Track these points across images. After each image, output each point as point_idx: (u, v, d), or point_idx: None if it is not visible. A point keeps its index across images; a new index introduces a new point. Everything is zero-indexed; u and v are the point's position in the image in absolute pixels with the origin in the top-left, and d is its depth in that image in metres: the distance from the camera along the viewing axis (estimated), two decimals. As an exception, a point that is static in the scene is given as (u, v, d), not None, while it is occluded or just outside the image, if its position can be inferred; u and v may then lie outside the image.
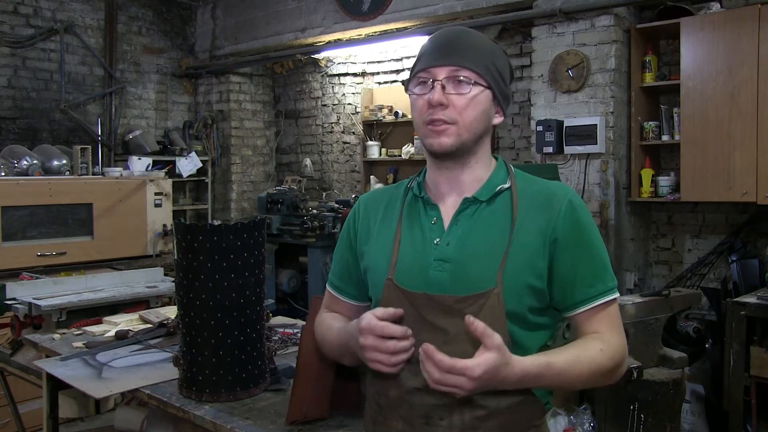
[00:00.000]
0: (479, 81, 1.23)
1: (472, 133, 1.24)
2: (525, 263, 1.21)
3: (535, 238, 1.22)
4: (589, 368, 1.17)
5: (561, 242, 1.22)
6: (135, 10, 6.30)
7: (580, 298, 1.23)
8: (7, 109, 5.42)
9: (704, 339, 3.79)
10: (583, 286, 1.22)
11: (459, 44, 1.25)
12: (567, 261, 1.22)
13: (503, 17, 4.55)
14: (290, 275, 5.66)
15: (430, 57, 1.25)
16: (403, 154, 5.73)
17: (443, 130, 1.22)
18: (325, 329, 1.41)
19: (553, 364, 1.14)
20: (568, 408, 3.49)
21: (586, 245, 1.23)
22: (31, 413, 3.23)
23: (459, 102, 1.22)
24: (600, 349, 1.19)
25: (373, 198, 1.43)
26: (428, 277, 1.23)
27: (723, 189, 3.77)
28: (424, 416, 1.22)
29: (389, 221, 1.34)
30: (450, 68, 1.22)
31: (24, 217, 4.43)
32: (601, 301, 1.23)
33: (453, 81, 1.22)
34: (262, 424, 1.68)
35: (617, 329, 1.25)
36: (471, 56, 1.23)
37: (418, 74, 1.26)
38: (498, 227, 1.23)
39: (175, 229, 1.86)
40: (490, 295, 1.18)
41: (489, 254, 1.21)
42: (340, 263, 1.44)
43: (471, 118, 1.23)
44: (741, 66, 3.68)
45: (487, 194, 1.26)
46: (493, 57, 1.26)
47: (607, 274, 1.24)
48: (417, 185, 1.34)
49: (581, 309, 1.23)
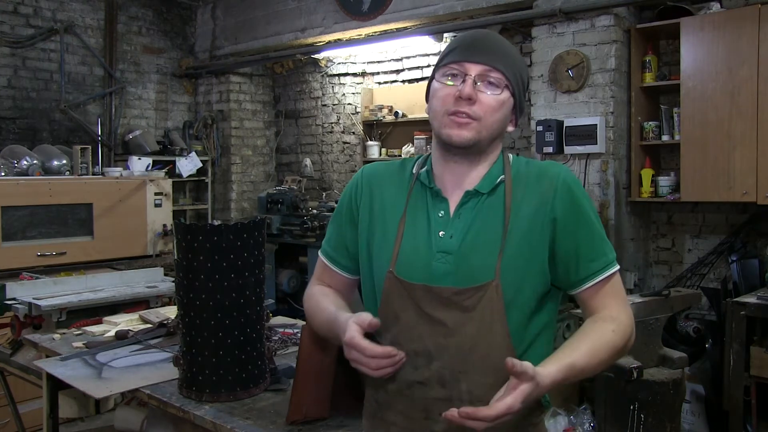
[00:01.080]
0: (508, 86, 1.25)
1: (491, 133, 1.26)
2: (523, 248, 1.21)
3: (532, 218, 1.23)
4: (607, 354, 1.19)
5: (560, 221, 1.23)
6: (135, 10, 6.30)
7: (584, 274, 1.24)
8: (7, 109, 5.42)
9: (704, 339, 3.79)
10: (586, 261, 1.24)
11: (493, 45, 1.26)
12: (568, 239, 1.24)
13: (503, 17, 4.55)
14: (290, 275, 5.66)
15: (463, 52, 1.25)
16: (403, 154, 5.73)
17: (466, 123, 1.23)
18: (314, 306, 1.41)
19: (575, 364, 1.15)
20: (568, 408, 3.49)
21: (585, 222, 1.25)
22: (31, 413, 3.23)
23: (487, 101, 1.23)
24: (612, 330, 1.20)
25: (378, 174, 1.40)
26: (431, 269, 1.23)
27: (723, 189, 3.77)
28: (424, 410, 1.22)
29: (395, 207, 1.32)
30: (484, 67, 1.23)
31: (24, 217, 4.43)
32: (604, 275, 1.24)
33: (484, 80, 1.23)
34: (262, 424, 1.68)
35: (622, 301, 1.27)
36: (503, 60, 1.25)
37: (450, 65, 1.26)
38: (497, 218, 1.24)
39: (175, 229, 1.85)
40: (488, 287, 1.19)
41: (489, 244, 1.22)
42: (337, 233, 1.42)
43: (494, 119, 1.25)
44: (741, 66, 3.68)
45: (488, 186, 1.27)
46: (520, 66, 1.29)
47: (606, 247, 1.26)
48: (426, 174, 1.33)
49: (586, 285, 1.25)
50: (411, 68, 5.73)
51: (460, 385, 1.19)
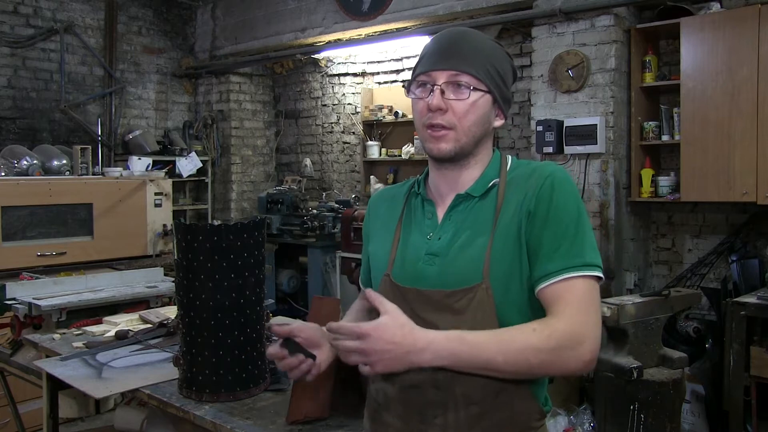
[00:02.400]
0: (479, 86, 1.23)
1: (471, 137, 1.25)
2: (509, 246, 1.19)
3: (513, 216, 1.21)
4: (516, 348, 1.10)
5: (533, 214, 1.19)
6: (135, 10, 6.30)
7: (540, 273, 1.16)
8: (7, 109, 5.42)
9: (704, 339, 3.79)
10: (545, 260, 1.16)
11: (460, 47, 1.25)
12: (534, 234, 1.18)
13: (503, 17, 4.55)
14: (290, 275, 5.67)
15: (430, 60, 1.26)
16: (403, 154, 5.73)
17: (442, 135, 1.23)
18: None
19: (465, 337, 1.11)
20: (568, 408, 3.49)
21: (555, 219, 1.17)
22: (31, 413, 3.23)
23: (458, 107, 1.22)
24: (533, 328, 1.12)
25: (380, 197, 1.47)
26: (417, 271, 1.25)
27: (723, 189, 3.77)
28: (420, 413, 1.22)
29: (391, 219, 1.37)
30: (450, 72, 1.22)
31: (24, 217, 4.43)
32: (561, 277, 1.14)
33: (452, 86, 1.22)
34: (262, 424, 1.67)
35: (577, 311, 1.13)
36: (471, 60, 1.23)
37: (419, 77, 1.27)
38: (487, 220, 1.23)
39: (175, 229, 1.85)
40: (477, 289, 1.18)
41: (476, 247, 1.21)
42: (364, 261, 1.48)
43: (470, 123, 1.23)
44: (741, 66, 3.68)
45: (480, 189, 1.27)
46: (494, 60, 1.26)
47: (575, 249, 1.16)
48: (418, 184, 1.37)
49: (540, 285, 1.16)
50: (411, 68, 5.72)
51: (454, 388, 1.19)
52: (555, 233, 1.17)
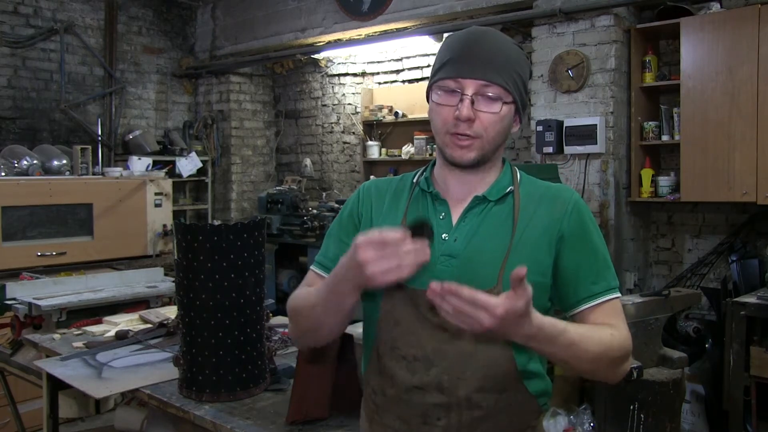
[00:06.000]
0: (507, 98, 1.22)
1: (494, 145, 1.25)
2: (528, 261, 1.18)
3: (541, 235, 1.23)
4: (598, 347, 1.15)
5: (567, 239, 1.23)
6: (135, 10, 6.30)
7: (584, 294, 1.23)
8: (7, 109, 5.42)
9: (704, 339, 3.79)
10: (587, 283, 1.23)
11: (488, 53, 1.21)
12: (572, 258, 1.23)
13: (503, 17, 4.55)
14: (290, 275, 5.66)
15: (458, 65, 1.21)
16: (403, 154, 5.73)
17: (468, 145, 1.21)
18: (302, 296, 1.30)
19: (568, 331, 1.11)
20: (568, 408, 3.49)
21: (590, 244, 1.25)
22: (31, 413, 3.23)
23: (487, 119, 1.21)
24: (611, 333, 1.19)
25: (378, 186, 1.39)
26: (435, 272, 1.20)
27: (723, 189, 3.77)
28: (422, 416, 1.21)
29: (393, 214, 1.31)
30: (480, 83, 1.19)
31: (24, 217, 4.43)
32: (603, 299, 1.23)
33: (483, 97, 1.20)
34: (262, 424, 1.68)
35: (623, 323, 1.25)
36: (500, 69, 1.20)
37: (446, 81, 1.22)
38: (504, 226, 1.24)
39: (175, 229, 1.86)
40: (492, 293, 1.17)
41: (494, 251, 1.21)
42: (336, 245, 1.35)
43: (495, 132, 1.23)
44: (741, 66, 3.68)
45: (496, 194, 1.27)
46: (518, 66, 1.24)
47: (609, 274, 1.25)
48: (425, 180, 1.32)
49: (584, 306, 1.23)
50: (411, 68, 5.74)
51: (459, 391, 1.19)
52: (593, 258, 1.25)
